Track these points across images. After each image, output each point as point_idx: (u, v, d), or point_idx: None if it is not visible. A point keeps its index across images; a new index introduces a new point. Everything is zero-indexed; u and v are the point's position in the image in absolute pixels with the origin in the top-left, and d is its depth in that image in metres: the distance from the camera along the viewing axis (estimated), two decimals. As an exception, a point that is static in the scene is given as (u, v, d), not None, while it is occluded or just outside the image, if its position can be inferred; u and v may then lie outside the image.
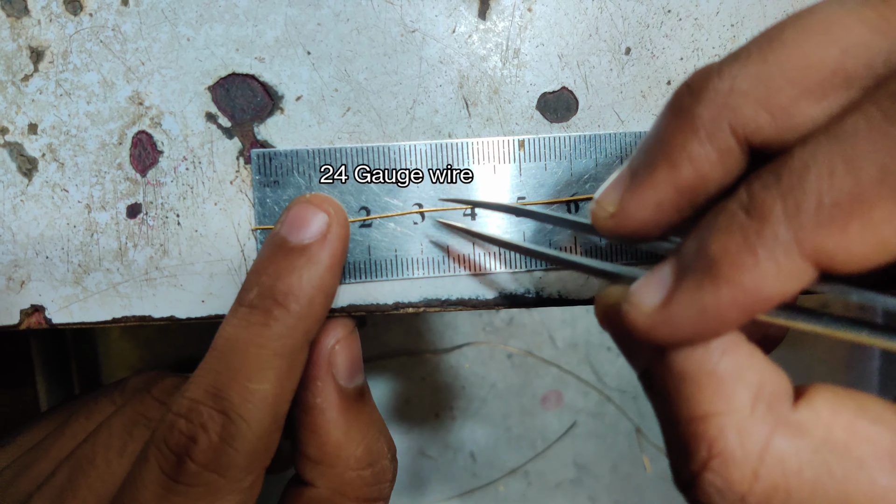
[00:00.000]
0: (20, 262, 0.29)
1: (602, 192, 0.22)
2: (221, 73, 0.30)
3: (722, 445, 0.19)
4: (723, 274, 0.18)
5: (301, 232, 0.27)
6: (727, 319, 0.18)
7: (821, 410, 0.19)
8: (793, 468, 0.18)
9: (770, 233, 0.17)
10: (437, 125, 0.31)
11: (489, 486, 0.66)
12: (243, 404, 0.25)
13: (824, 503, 0.18)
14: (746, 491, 0.18)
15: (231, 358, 0.25)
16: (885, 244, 0.16)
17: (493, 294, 0.32)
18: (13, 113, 0.29)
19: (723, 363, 0.19)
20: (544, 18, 0.31)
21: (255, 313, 0.26)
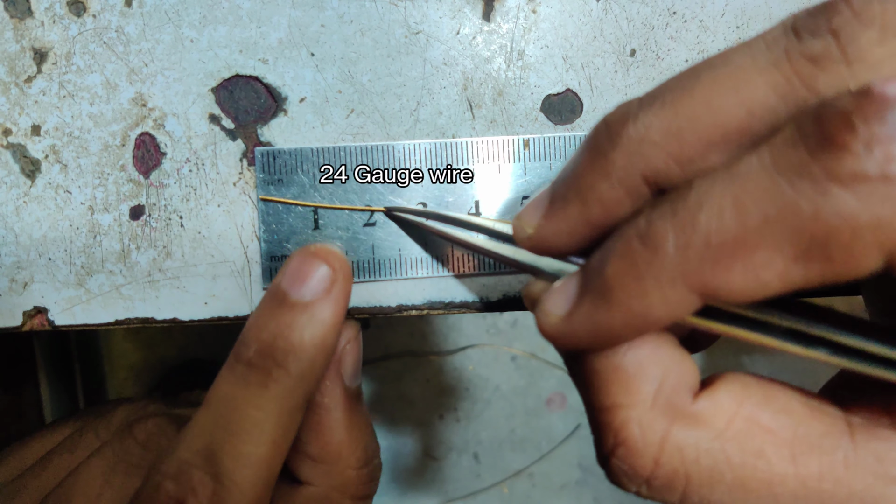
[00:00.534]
0: (23, 264, 0.29)
1: (523, 210, 0.24)
2: (225, 74, 0.30)
3: (625, 435, 0.20)
4: (614, 298, 0.19)
5: (303, 287, 0.26)
6: (620, 336, 0.20)
7: (722, 401, 0.20)
8: (690, 456, 0.20)
9: (659, 264, 0.18)
10: (440, 127, 0.31)
11: (493, 487, 0.66)
12: (236, 469, 0.24)
13: (722, 488, 0.19)
14: (649, 475, 0.20)
15: (226, 418, 0.25)
16: (765, 285, 0.17)
17: (497, 296, 0.31)
18: (16, 114, 0.29)
19: (627, 358, 0.21)
20: (549, 20, 0.31)
21: (254, 373, 0.25)
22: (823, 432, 0.19)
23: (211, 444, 0.25)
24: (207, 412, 0.25)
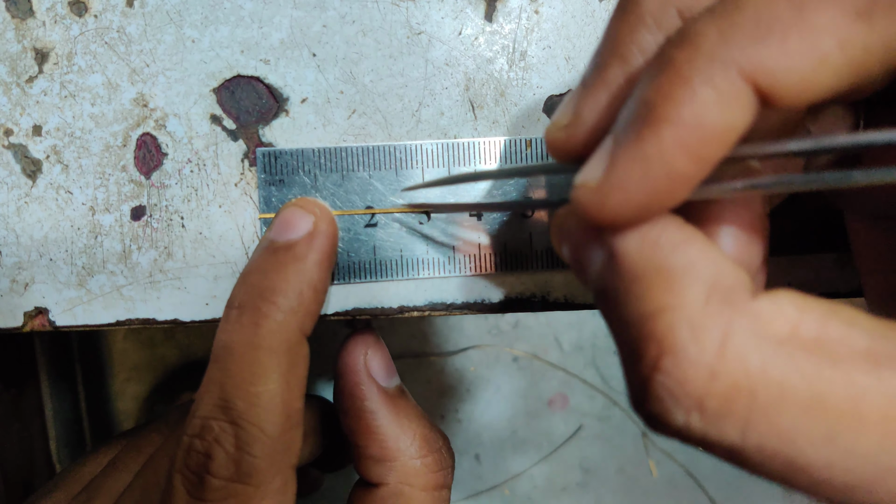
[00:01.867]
0: (24, 265, 0.29)
1: (555, 114, 0.21)
2: (226, 74, 0.30)
3: (673, 340, 0.17)
4: (660, 115, 0.16)
5: (288, 232, 0.27)
6: (676, 168, 0.17)
7: (785, 306, 0.17)
8: (756, 365, 0.16)
9: (704, 57, 0.16)
10: (442, 128, 0.31)
11: (495, 489, 0.66)
12: (250, 409, 0.25)
13: (795, 407, 0.16)
14: (703, 393, 0.16)
15: (229, 364, 0.25)
16: (825, 59, 0.15)
17: (498, 297, 0.31)
18: (18, 114, 0.29)
19: (674, 257, 0.17)
20: (551, 21, 0.31)
21: (245, 313, 0.26)
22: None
23: (223, 393, 0.25)
24: (214, 365, 0.26)
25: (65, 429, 0.69)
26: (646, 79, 0.17)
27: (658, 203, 0.17)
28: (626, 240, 0.18)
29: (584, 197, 0.18)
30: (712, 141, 0.16)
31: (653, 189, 0.17)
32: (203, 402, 0.25)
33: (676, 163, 0.17)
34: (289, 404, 0.26)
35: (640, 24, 0.19)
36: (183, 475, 0.25)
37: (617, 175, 0.17)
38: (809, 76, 0.16)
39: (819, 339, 0.16)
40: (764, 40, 0.16)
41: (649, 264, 0.18)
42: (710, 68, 0.16)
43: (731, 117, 0.16)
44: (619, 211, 0.17)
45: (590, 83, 0.20)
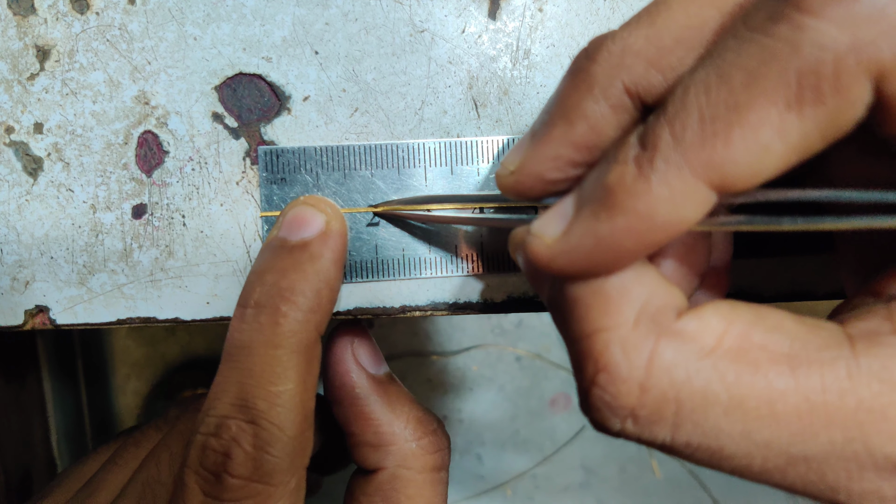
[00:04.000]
0: (25, 263, 0.29)
1: (506, 155, 0.23)
2: (228, 72, 0.29)
3: (606, 359, 0.19)
4: (617, 202, 0.18)
5: (301, 231, 0.27)
6: (624, 249, 0.19)
7: (710, 319, 0.19)
8: (680, 377, 0.18)
9: (660, 157, 0.18)
10: (445, 126, 0.30)
11: (497, 489, 0.66)
12: (271, 409, 0.25)
13: (717, 411, 0.18)
14: (635, 405, 0.19)
15: (248, 364, 0.25)
16: (767, 149, 0.17)
17: (501, 297, 0.31)
18: (19, 112, 0.29)
19: (610, 282, 0.19)
20: (555, 19, 0.31)
21: (264, 313, 0.25)
22: (821, 345, 0.18)
23: (240, 392, 0.25)
24: (229, 364, 0.25)
25: (66, 423, 0.69)
26: (609, 162, 0.19)
27: (600, 268, 0.19)
28: None
29: (537, 249, 0.20)
30: (661, 231, 0.18)
31: (598, 260, 0.19)
32: (220, 400, 0.25)
33: (625, 244, 0.19)
34: (306, 404, 0.26)
35: (588, 93, 0.20)
36: (198, 474, 0.25)
37: (570, 243, 0.19)
38: (756, 165, 0.17)
39: (741, 348, 0.18)
40: (710, 140, 0.17)
41: (589, 289, 0.20)
42: (664, 168, 0.18)
43: (684, 212, 0.18)
44: (564, 267, 0.20)
45: (537, 137, 0.22)
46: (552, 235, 0.20)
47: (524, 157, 0.22)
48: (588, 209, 0.19)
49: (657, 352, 0.18)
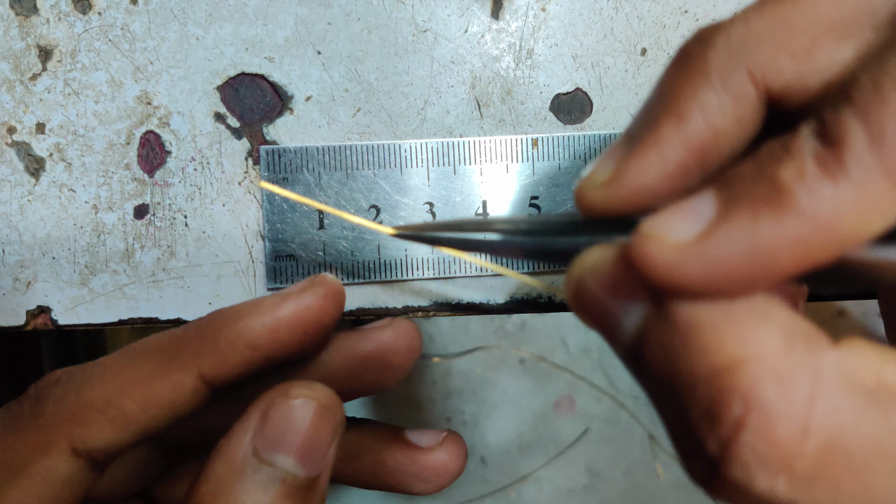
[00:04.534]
0: (27, 263, 0.29)
1: (591, 166, 0.19)
2: (230, 72, 0.29)
3: (757, 395, 0.14)
4: (792, 203, 0.15)
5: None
6: (782, 262, 0.15)
7: (866, 354, 0.15)
8: (849, 420, 0.14)
9: (852, 156, 0.15)
10: (448, 126, 0.30)
11: (501, 491, 0.66)
12: None
13: (892, 466, 0.14)
14: (796, 451, 0.14)
15: None
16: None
17: (504, 298, 0.31)
18: (21, 112, 0.29)
19: (738, 305, 0.16)
20: (558, 18, 0.30)
21: None
22: None
23: None
24: None
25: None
26: (776, 157, 0.16)
27: (740, 285, 0.16)
28: None
29: (658, 253, 0.16)
30: (836, 244, 0.15)
31: (745, 272, 0.15)
32: None
33: (786, 255, 0.15)
34: None
35: (705, 81, 0.17)
36: None
37: (711, 247, 0.15)
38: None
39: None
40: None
41: (715, 310, 0.16)
42: (858, 171, 0.15)
43: (869, 224, 0.15)
44: (694, 279, 0.16)
45: (638, 140, 0.18)
46: (682, 238, 0.16)
47: (622, 165, 0.18)
48: (745, 208, 0.15)
49: (819, 385, 0.15)
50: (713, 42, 0.17)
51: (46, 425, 0.22)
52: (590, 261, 0.18)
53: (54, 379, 0.24)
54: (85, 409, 0.22)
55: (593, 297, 0.18)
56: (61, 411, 0.22)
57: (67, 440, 0.22)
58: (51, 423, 0.22)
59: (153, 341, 0.24)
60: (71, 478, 0.22)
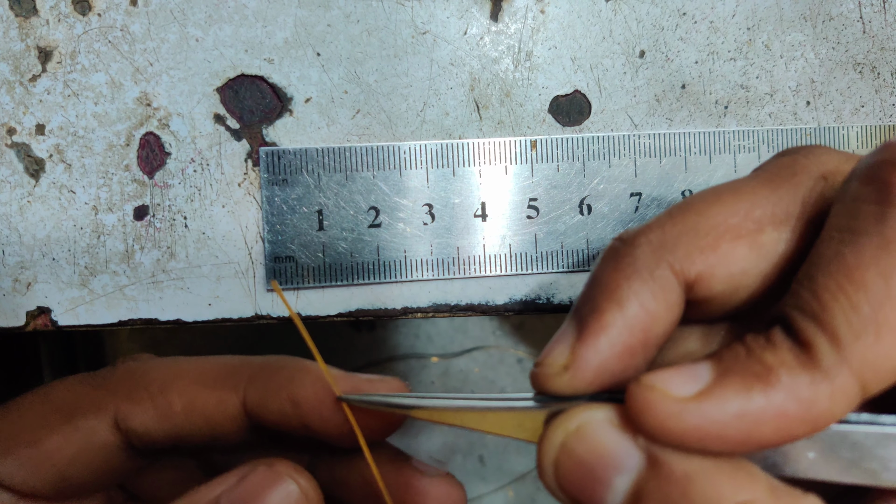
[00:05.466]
0: (26, 264, 0.29)
1: (545, 352, 0.21)
2: (230, 74, 0.29)
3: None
4: (779, 381, 0.17)
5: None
6: (765, 427, 0.18)
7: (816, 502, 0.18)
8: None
9: (822, 358, 0.17)
10: (447, 128, 0.30)
11: (499, 490, 0.66)
12: None
13: None
14: None
15: None
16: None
17: (503, 300, 0.31)
18: (21, 113, 0.29)
19: (726, 461, 0.18)
20: (557, 21, 0.31)
21: None
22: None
23: None
24: None
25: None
26: (763, 342, 0.19)
27: (726, 445, 0.18)
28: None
29: (660, 403, 0.18)
30: (809, 424, 0.18)
31: (730, 435, 0.18)
32: None
33: (767, 426, 0.18)
34: None
35: (636, 274, 0.20)
36: None
37: (705, 406, 0.18)
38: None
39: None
40: (864, 339, 0.18)
41: (706, 466, 0.18)
42: (829, 367, 0.18)
43: (838, 410, 0.18)
44: (689, 432, 0.18)
45: (586, 326, 0.20)
46: (682, 393, 0.18)
47: (577, 349, 0.20)
48: (738, 378, 0.18)
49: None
50: (638, 243, 0.20)
51: (106, 389, 0.23)
52: (573, 424, 0.19)
53: (136, 356, 0.26)
54: (140, 389, 0.23)
55: (581, 461, 0.19)
56: (123, 384, 0.23)
57: (115, 410, 0.23)
58: (110, 389, 0.23)
59: (225, 357, 0.25)
60: (105, 447, 0.23)
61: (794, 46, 0.32)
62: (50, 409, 0.23)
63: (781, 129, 0.32)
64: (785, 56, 0.32)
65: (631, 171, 0.31)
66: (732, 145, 0.31)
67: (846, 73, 0.32)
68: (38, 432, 0.23)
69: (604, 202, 0.31)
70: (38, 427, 0.23)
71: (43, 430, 0.23)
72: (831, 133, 0.32)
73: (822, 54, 0.32)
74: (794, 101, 0.32)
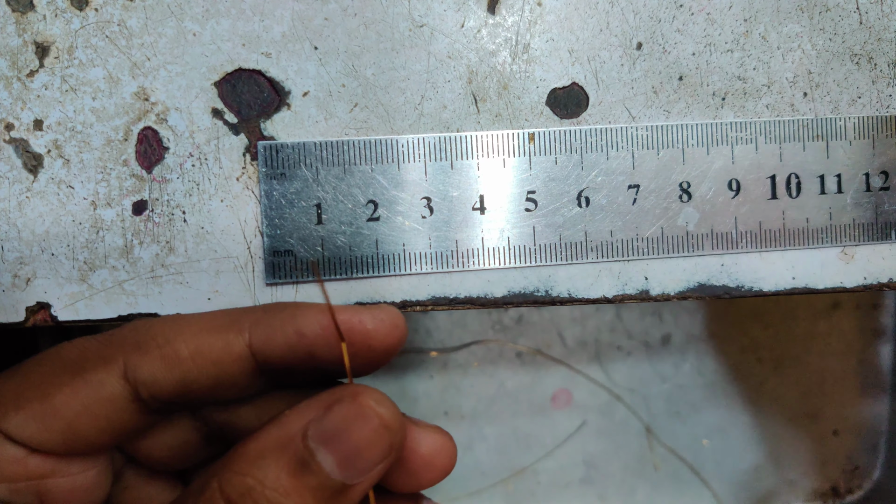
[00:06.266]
0: (26, 260, 0.29)
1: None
2: (228, 68, 0.29)
3: None
4: None
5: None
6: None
7: None
8: None
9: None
10: (445, 121, 0.30)
11: (498, 485, 0.66)
12: None
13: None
14: None
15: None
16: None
17: (502, 292, 0.31)
18: (18, 109, 0.29)
19: None
20: (554, 13, 0.31)
21: None
22: None
23: None
24: None
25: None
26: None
27: None
28: None
29: None
30: None
31: None
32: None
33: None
34: None
35: None
36: None
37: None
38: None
39: None
40: None
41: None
42: None
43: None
44: None
45: None
46: None
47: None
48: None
49: None
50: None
51: (113, 343, 0.24)
52: None
53: (142, 316, 0.28)
54: (147, 340, 0.24)
55: None
56: (130, 337, 0.24)
57: (122, 362, 0.23)
58: (117, 342, 0.24)
59: (227, 309, 0.25)
60: (114, 398, 0.23)
61: (790, 38, 0.32)
62: (59, 366, 0.24)
63: (779, 120, 0.32)
64: (782, 47, 0.32)
65: (629, 163, 0.31)
66: (730, 137, 0.32)
67: (843, 64, 0.32)
68: (47, 387, 0.23)
69: (602, 194, 0.31)
70: (48, 382, 0.23)
71: (52, 385, 0.23)
72: (828, 124, 0.32)
73: (818, 45, 0.32)
74: (791, 92, 0.32)
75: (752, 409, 0.66)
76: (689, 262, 0.32)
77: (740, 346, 0.64)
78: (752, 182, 0.32)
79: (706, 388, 0.65)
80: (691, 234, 0.32)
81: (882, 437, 0.66)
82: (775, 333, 0.65)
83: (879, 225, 0.33)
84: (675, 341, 0.65)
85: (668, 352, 0.65)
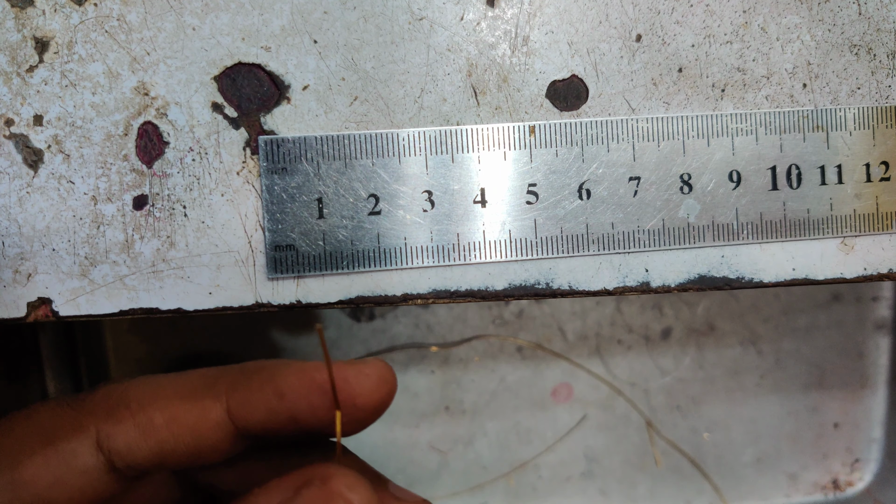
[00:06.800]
0: (26, 255, 0.29)
1: None
2: (227, 62, 0.29)
3: None
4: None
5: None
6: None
7: None
8: None
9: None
10: (445, 114, 0.30)
11: (499, 479, 0.66)
12: None
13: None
14: None
15: None
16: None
17: (502, 285, 0.31)
18: (18, 104, 0.29)
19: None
20: (554, 5, 0.31)
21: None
22: None
23: None
24: None
25: (69, 423, 0.68)
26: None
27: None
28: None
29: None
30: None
31: None
32: None
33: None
34: None
35: None
36: None
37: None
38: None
39: None
40: None
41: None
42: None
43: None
44: None
45: None
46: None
47: None
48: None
49: None
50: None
51: (86, 410, 0.23)
52: None
53: (116, 379, 0.26)
54: (121, 407, 0.23)
55: None
56: (102, 403, 0.23)
57: (95, 431, 0.23)
58: (90, 409, 0.23)
59: (202, 370, 0.25)
60: (87, 470, 0.23)
61: (789, 29, 0.32)
62: (30, 432, 0.23)
63: (778, 111, 0.32)
64: (781, 38, 0.32)
65: (629, 155, 0.31)
66: (730, 128, 0.32)
67: (842, 54, 0.32)
68: (17, 456, 0.22)
69: (603, 187, 0.31)
70: (18, 451, 0.23)
71: (23, 453, 0.23)
72: (828, 115, 0.32)
73: (818, 36, 0.32)
74: (791, 83, 0.32)
75: (753, 403, 0.66)
76: (690, 253, 0.32)
77: (741, 340, 0.64)
78: (753, 173, 0.32)
79: (707, 382, 0.66)
80: (692, 226, 0.32)
81: (882, 429, 0.66)
82: (775, 326, 0.65)
83: (880, 215, 0.33)
84: (675, 335, 0.65)
85: (669, 345, 0.65)
